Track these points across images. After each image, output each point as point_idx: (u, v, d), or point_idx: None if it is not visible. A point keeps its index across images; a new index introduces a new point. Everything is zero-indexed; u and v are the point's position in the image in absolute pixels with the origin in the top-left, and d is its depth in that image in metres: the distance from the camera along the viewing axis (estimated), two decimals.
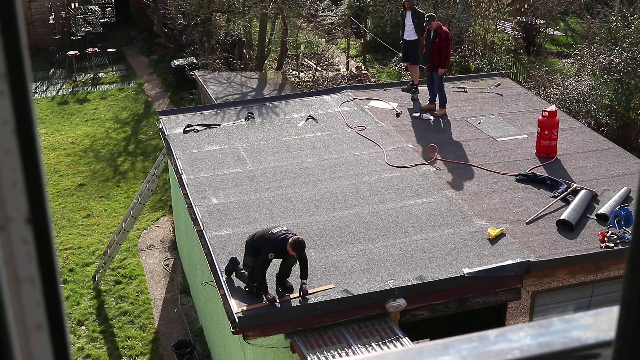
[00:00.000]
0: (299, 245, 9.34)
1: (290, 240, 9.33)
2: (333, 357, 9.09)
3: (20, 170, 0.93)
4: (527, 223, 11.20)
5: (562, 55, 26.22)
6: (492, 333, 1.11)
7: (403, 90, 16.41)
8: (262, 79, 20.71)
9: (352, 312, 9.68)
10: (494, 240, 10.78)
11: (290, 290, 9.75)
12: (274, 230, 9.60)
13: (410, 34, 15.98)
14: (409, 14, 15.91)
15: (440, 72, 14.99)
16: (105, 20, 29.18)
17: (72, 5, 29.10)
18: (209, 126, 14.85)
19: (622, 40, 19.96)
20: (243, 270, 9.94)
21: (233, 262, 10.09)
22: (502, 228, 11.01)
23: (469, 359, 1.06)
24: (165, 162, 15.17)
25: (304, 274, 9.57)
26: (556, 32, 28.99)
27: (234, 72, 21.79)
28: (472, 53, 25.29)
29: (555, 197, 11.91)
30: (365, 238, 10.91)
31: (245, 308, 9.45)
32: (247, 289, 9.81)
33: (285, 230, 9.60)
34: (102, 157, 20.88)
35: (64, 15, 29.14)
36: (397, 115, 15.36)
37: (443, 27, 15.08)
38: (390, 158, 13.36)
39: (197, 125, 14.87)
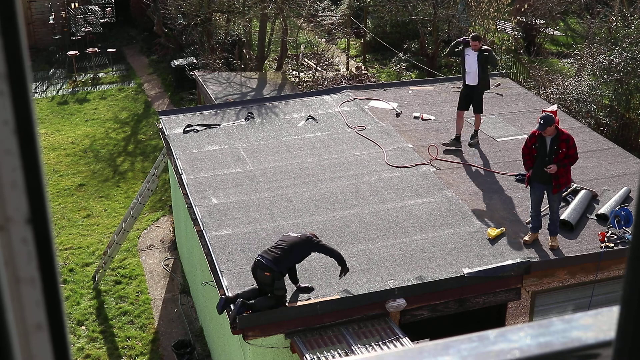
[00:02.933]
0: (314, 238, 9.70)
1: (310, 233, 9.71)
2: (333, 357, 9.09)
3: (20, 170, 0.93)
4: (527, 223, 11.19)
5: (562, 55, 26.23)
6: (492, 333, 1.11)
7: (458, 143, 13.68)
8: (262, 79, 20.71)
9: (352, 312, 9.68)
10: (494, 240, 10.79)
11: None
12: (294, 235, 9.68)
13: (473, 77, 13.29)
14: (472, 53, 13.17)
15: (561, 188, 10.56)
16: (105, 20, 29.17)
17: (72, 5, 29.09)
18: (209, 126, 14.85)
19: (622, 40, 19.96)
20: (257, 299, 9.45)
21: (241, 304, 9.34)
22: (502, 228, 11.02)
23: (469, 359, 1.06)
24: (165, 162, 15.16)
25: (295, 280, 9.81)
26: (556, 32, 29.00)
27: (234, 72, 21.78)
28: None
29: None
30: (365, 238, 10.90)
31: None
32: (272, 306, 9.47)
33: (293, 233, 9.85)
34: (102, 157, 20.88)
35: (64, 15, 29.13)
36: (397, 115, 15.36)
37: (564, 131, 10.51)
38: (390, 158, 13.36)
39: (197, 125, 14.87)
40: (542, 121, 10.18)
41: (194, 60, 24.66)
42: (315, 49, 26.64)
